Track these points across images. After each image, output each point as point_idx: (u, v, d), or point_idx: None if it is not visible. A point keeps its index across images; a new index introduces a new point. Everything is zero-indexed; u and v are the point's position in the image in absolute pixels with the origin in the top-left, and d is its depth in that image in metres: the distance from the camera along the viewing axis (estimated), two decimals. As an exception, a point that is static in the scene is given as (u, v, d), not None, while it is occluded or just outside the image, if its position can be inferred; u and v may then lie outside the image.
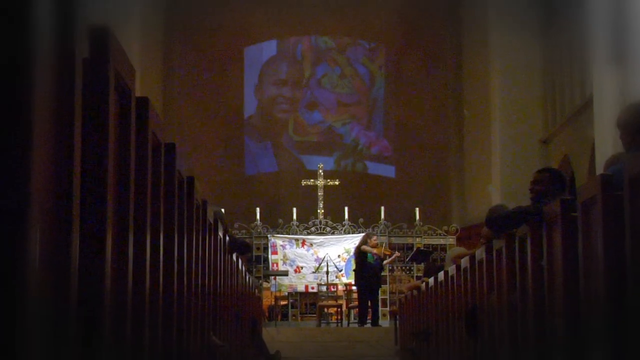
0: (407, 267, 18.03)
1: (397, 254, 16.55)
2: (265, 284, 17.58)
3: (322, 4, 22.66)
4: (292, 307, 17.68)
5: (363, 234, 16.61)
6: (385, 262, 16.00)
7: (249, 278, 9.76)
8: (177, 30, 22.05)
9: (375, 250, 15.30)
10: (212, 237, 5.15)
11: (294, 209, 18.52)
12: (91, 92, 2.01)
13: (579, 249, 3.88)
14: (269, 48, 24.00)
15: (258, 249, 17.94)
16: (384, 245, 16.12)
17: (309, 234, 18.31)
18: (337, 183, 19.61)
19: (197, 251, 4.23)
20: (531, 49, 18.20)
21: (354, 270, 15.87)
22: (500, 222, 5.41)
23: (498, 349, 5.59)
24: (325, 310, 16.66)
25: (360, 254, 15.36)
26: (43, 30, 1.50)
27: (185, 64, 22.52)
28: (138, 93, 2.50)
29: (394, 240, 18.26)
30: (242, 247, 8.39)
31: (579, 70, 15.72)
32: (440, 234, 18.55)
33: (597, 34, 12.37)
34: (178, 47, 22.30)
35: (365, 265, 15.24)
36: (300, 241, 17.87)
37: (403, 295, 13.77)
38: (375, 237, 16.05)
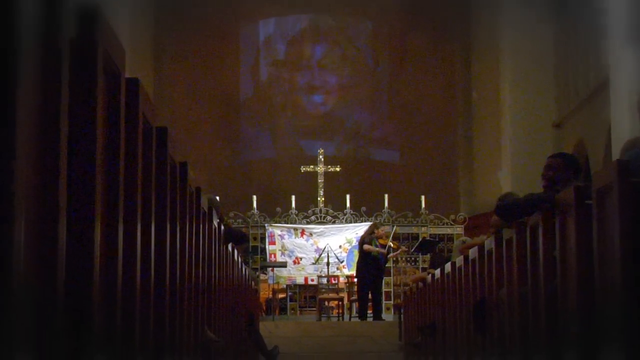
0: (412, 258, 18.05)
1: (403, 248, 16.57)
2: (262, 276, 17.62)
3: (323, -21, 22.61)
4: (291, 300, 17.70)
5: (370, 224, 16.59)
6: (390, 255, 16.02)
7: (245, 270, 9.78)
8: (168, 8, 21.98)
9: (377, 248, 15.27)
10: (207, 226, 5.16)
11: (293, 197, 18.53)
12: (78, 73, 2.01)
13: (593, 238, 3.88)
14: (266, 27, 23.93)
15: (255, 239, 17.95)
16: (390, 236, 16.12)
17: (308, 223, 18.31)
18: (338, 169, 19.61)
19: (190, 241, 4.24)
20: (544, 27, 18.15)
21: (357, 262, 15.89)
22: (511, 210, 5.42)
23: (508, 344, 5.61)
24: (326, 303, 16.68)
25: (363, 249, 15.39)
26: (29, 10, 1.50)
27: (177, 43, 22.46)
28: (128, 74, 2.50)
29: (399, 230, 18.26)
30: (238, 237, 8.40)
31: (594, 50, 15.68)
32: (447, 223, 18.56)
33: (614, 11, 12.33)
34: (170, 26, 22.23)
35: (368, 257, 15.26)
36: (300, 231, 17.88)
37: (408, 287, 13.80)
38: (383, 228, 16.08)
